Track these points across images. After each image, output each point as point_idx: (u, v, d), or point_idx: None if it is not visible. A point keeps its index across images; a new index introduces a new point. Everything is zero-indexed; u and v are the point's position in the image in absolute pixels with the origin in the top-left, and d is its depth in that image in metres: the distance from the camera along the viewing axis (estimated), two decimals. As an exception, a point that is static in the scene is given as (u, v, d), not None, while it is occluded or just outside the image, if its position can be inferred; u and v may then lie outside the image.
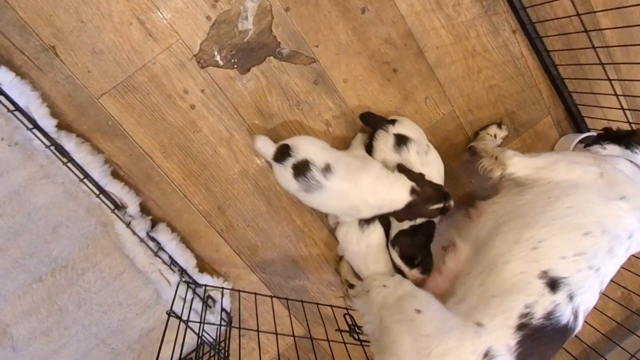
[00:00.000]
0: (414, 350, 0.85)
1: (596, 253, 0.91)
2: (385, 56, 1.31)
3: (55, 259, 1.19)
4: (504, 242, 0.97)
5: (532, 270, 0.90)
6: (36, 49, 1.13)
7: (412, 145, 1.18)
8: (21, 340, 1.18)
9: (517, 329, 0.84)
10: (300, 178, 1.10)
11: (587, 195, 0.97)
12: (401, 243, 1.18)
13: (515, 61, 1.39)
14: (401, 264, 1.17)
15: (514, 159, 1.13)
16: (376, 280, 1.12)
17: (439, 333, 0.85)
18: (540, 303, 0.86)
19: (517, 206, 1.05)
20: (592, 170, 1.02)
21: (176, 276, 1.26)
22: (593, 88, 1.40)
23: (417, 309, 0.92)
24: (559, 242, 0.92)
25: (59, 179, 1.17)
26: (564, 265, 0.89)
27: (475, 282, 0.95)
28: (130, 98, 1.20)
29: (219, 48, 1.22)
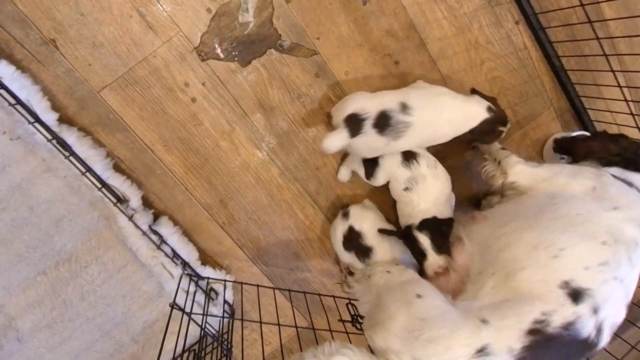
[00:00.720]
0: (405, 329, 0.84)
1: (619, 263, 0.88)
2: (387, 48, 1.30)
3: (58, 252, 1.20)
4: (520, 245, 0.94)
5: (552, 280, 0.86)
6: (36, 42, 1.12)
7: (422, 159, 1.22)
8: (26, 332, 1.20)
9: (528, 334, 0.81)
10: (385, 131, 1.12)
11: (586, 204, 0.98)
12: (431, 227, 1.16)
13: (518, 52, 1.38)
14: (429, 248, 1.14)
15: (517, 167, 1.14)
16: (380, 267, 1.13)
17: (434, 320, 0.85)
18: (560, 312, 0.83)
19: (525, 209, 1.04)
20: (587, 184, 1.03)
21: (179, 269, 1.27)
22: (596, 79, 1.39)
23: (419, 294, 0.92)
24: (581, 251, 0.89)
25: (61, 173, 1.17)
26: (589, 276, 0.86)
27: (488, 283, 0.93)
28: (131, 91, 1.20)
29: (220, 41, 1.21)
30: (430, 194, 1.21)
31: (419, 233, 1.16)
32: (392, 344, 0.83)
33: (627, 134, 1.34)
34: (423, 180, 1.20)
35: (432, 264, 1.13)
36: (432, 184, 1.22)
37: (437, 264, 1.13)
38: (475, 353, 0.79)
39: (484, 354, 0.79)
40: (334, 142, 1.12)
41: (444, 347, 0.80)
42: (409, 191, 1.22)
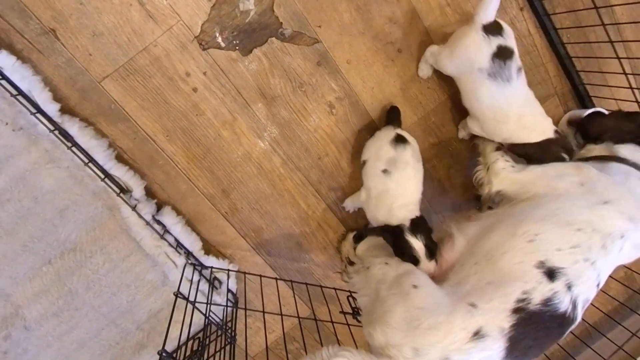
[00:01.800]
0: (405, 320, 0.87)
1: (590, 247, 0.94)
2: (389, 36, 1.29)
3: (63, 242, 1.21)
4: (500, 236, 1.01)
5: (529, 260, 0.93)
6: (36, 32, 1.11)
7: (409, 147, 1.22)
8: (33, 321, 1.22)
9: (513, 312, 0.86)
10: (497, 61, 1.12)
11: (573, 200, 1.02)
12: (423, 231, 1.15)
13: (522, 39, 1.36)
14: (422, 256, 1.13)
15: (501, 174, 1.17)
16: (378, 258, 1.15)
17: (432, 307, 0.88)
18: (539, 290, 0.89)
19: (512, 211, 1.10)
20: (573, 181, 1.06)
21: (182, 258, 1.28)
22: (601, 67, 1.37)
23: (414, 285, 0.96)
24: (554, 236, 0.95)
25: (64, 163, 1.17)
26: (561, 257, 0.92)
27: (470, 271, 0.99)
28: (132, 81, 1.20)
29: (220, 29, 1.20)
30: (408, 186, 1.19)
31: (413, 237, 1.13)
32: (392, 338, 0.86)
33: (632, 122, 1.33)
34: (404, 167, 1.19)
35: (423, 270, 1.11)
36: (413, 175, 1.20)
37: (428, 270, 1.12)
38: (472, 336, 0.83)
39: (479, 336, 0.84)
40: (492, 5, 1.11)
41: (444, 333, 0.84)
42: (387, 175, 1.19)
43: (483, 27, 1.12)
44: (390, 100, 1.35)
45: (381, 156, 1.21)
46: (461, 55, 1.16)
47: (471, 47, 1.14)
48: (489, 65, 1.12)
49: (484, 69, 1.13)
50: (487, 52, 1.12)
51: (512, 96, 1.16)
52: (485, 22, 1.12)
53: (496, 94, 1.15)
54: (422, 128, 1.41)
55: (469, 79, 1.18)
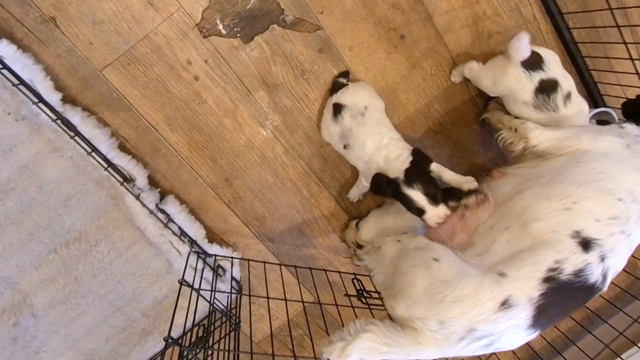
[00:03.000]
0: (428, 293, 0.86)
1: (628, 219, 0.91)
2: (392, 22, 1.27)
3: (68, 231, 1.22)
4: (534, 198, 0.96)
5: (564, 230, 0.90)
6: (36, 20, 1.11)
7: (345, 110, 1.18)
8: (41, 308, 1.24)
9: (544, 282, 0.85)
10: (540, 96, 1.12)
11: (617, 164, 0.97)
12: (419, 179, 1.09)
13: (527, 25, 1.34)
14: (426, 204, 1.07)
15: (536, 131, 1.10)
16: (388, 237, 1.13)
17: (456, 280, 0.86)
18: (572, 260, 0.87)
19: (545, 168, 1.04)
20: (618, 142, 1.02)
21: (186, 247, 1.30)
22: (607, 52, 1.35)
23: (435, 258, 0.93)
24: (593, 205, 0.92)
25: (67, 153, 1.18)
26: (598, 228, 0.89)
27: (501, 238, 0.95)
28: (133, 70, 1.19)
29: (221, 16, 1.19)
30: (367, 141, 1.16)
31: (410, 189, 1.08)
32: (416, 311, 0.85)
33: (637, 109, 1.32)
34: (350, 133, 1.18)
35: (433, 217, 1.08)
36: (363, 131, 1.17)
37: (438, 215, 1.08)
38: (500, 306, 0.83)
39: (508, 306, 0.83)
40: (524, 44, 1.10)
41: (470, 305, 0.83)
42: (349, 149, 1.20)
43: (522, 64, 1.12)
44: (393, 88, 1.34)
45: (333, 135, 1.22)
46: (504, 89, 1.18)
47: (513, 83, 1.15)
48: (532, 100, 1.13)
49: (528, 103, 1.14)
50: (529, 88, 1.13)
51: (564, 121, 1.15)
52: (523, 59, 1.12)
53: (543, 122, 1.15)
54: (425, 115, 1.40)
55: (514, 107, 1.19)
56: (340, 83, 1.26)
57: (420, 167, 1.12)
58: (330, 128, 1.23)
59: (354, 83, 1.28)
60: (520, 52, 1.11)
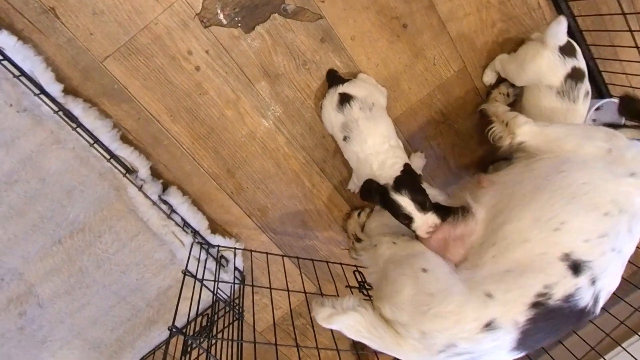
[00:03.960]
0: (413, 304, 0.85)
1: (618, 234, 0.88)
2: (394, 10, 1.26)
3: (72, 222, 1.23)
4: (522, 218, 0.93)
5: (553, 252, 0.86)
6: (36, 11, 1.10)
7: (354, 102, 1.17)
8: (46, 298, 1.25)
9: (531, 307, 0.83)
10: (569, 82, 1.15)
11: (598, 170, 0.94)
12: (408, 186, 1.08)
13: (532, 13, 1.32)
14: (414, 211, 1.07)
15: (525, 127, 1.09)
16: (386, 237, 1.11)
17: (442, 294, 0.85)
18: (561, 284, 0.84)
19: (531, 177, 1.01)
20: (602, 147, 0.99)
21: (189, 237, 1.30)
22: (613, 40, 1.34)
23: (424, 268, 0.92)
24: (582, 223, 0.89)
25: (70, 144, 1.18)
26: (588, 249, 0.86)
27: (487, 253, 0.92)
28: (134, 60, 1.18)
29: (222, 6, 1.18)
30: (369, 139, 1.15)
31: (398, 195, 1.07)
32: (400, 317, 0.85)
33: (642, 97, 1.31)
34: (356, 125, 1.16)
35: (422, 225, 1.06)
36: (368, 127, 1.15)
37: (427, 224, 1.06)
38: (484, 327, 0.81)
39: (491, 327, 0.81)
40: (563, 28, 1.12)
41: (453, 322, 0.82)
42: (348, 142, 1.18)
43: (560, 48, 1.14)
44: (396, 77, 1.33)
45: (335, 126, 1.21)
46: (531, 73, 1.18)
47: (544, 66, 1.15)
48: (560, 85, 1.15)
49: (553, 87, 1.16)
50: (561, 73, 1.15)
51: (573, 117, 1.17)
52: (561, 44, 1.14)
53: (559, 110, 1.16)
54: (428, 105, 1.39)
55: (535, 91, 1.20)
56: (339, 76, 1.25)
57: (410, 176, 1.12)
58: (333, 118, 1.21)
59: (358, 76, 1.27)
60: (558, 36, 1.12)
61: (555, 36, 1.13)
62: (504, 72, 1.29)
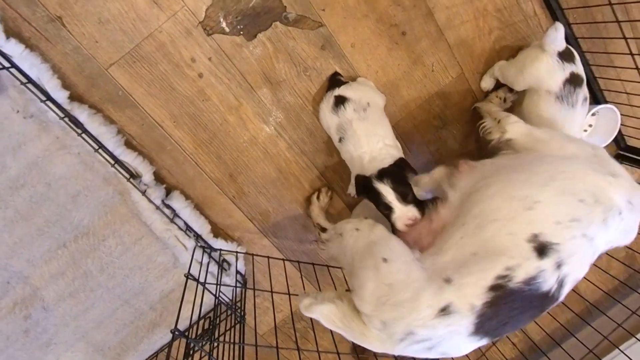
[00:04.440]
0: (374, 296, 0.87)
1: (591, 221, 0.87)
2: (393, 18, 1.28)
3: (77, 226, 1.25)
4: (496, 195, 0.93)
5: (522, 232, 0.85)
6: (43, 20, 1.13)
7: (348, 103, 1.19)
8: (51, 301, 1.27)
9: (490, 290, 0.82)
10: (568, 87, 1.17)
11: (580, 165, 0.96)
12: (391, 176, 1.09)
13: (528, 20, 1.35)
14: (394, 201, 1.08)
15: (516, 125, 1.11)
16: (349, 224, 1.09)
17: (400, 284, 0.86)
18: (523, 267, 0.83)
19: (512, 164, 1.02)
20: (587, 149, 1.01)
21: (192, 241, 1.32)
22: (607, 47, 1.36)
23: (384, 258, 0.91)
24: (555, 205, 0.88)
25: (75, 150, 1.20)
26: (558, 231, 0.85)
27: (455, 234, 0.92)
28: (138, 68, 1.21)
29: (225, 14, 1.20)
30: (363, 139, 1.16)
31: (380, 184, 1.08)
32: (364, 309, 0.87)
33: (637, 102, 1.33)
34: (349, 126, 1.18)
35: (401, 216, 1.07)
36: (362, 127, 1.17)
37: (406, 215, 1.07)
38: (438, 312, 0.82)
39: (446, 312, 0.82)
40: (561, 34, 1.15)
41: (409, 310, 0.83)
42: (343, 142, 1.20)
43: (559, 54, 1.16)
44: (395, 84, 1.36)
45: (330, 128, 1.23)
46: (530, 77, 1.20)
47: (543, 71, 1.17)
48: (558, 90, 1.17)
49: (552, 92, 1.17)
50: (560, 78, 1.17)
51: (571, 122, 1.19)
52: (559, 49, 1.16)
53: (557, 115, 1.18)
54: (427, 111, 1.41)
55: (534, 96, 1.22)
56: (340, 80, 1.27)
57: (398, 168, 1.12)
58: (329, 120, 1.23)
59: (357, 80, 1.29)
60: (557, 42, 1.15)
61: (553, 42, 1.15)
62: (504, 78, 1.32)
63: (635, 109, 1.39)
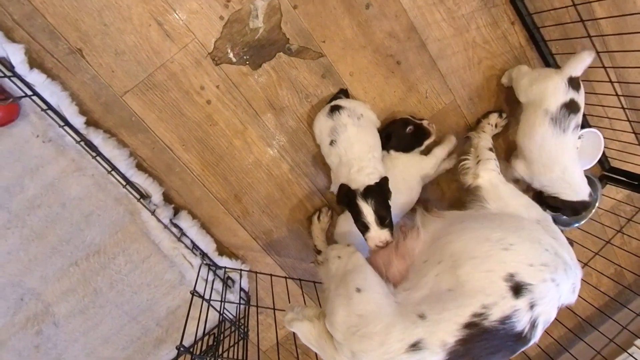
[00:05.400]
0: (345, 324, 0.87)
1: (557, 268, 0.93)
2: (389, 49, 1.38)
3: (88, 244, 1.30)
4: (473, 238, 0.97)
5: (499, 270, 0.88)
6: (64, 51, 1.21)
7: (344, 110, 1.24)
8: (62, 317, 1.31)
9: (464, 327, 0.83)
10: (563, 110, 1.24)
11: (534, 226, 1.04)
12: (375, 197, 1.14)
13: (514, 51, 1.45)
14: (372, 222, 1.13)
15: (490, 174, 1.21)
16: (333, 251, 1.14)
17: (371, 316, 0.86)
18: (499, 305, 0.84)
19: (483, 213, 1.11)
20: (532, 217, 1.10)
21: (198, 259, 1.37)
22: (589, 76, 1.45)
23: (358, 288, 0.92)
24: (527, 249, 0.93)
25: (89, 172, 1.27)
26: (531, 273, 0.89)
27: (431, 271, 0.94)
28: (151, 95, 1.29)
29: (232, 46, 1.29)
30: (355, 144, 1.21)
31: (363, 202, 1.13)
32: (335, 335, 0.89)
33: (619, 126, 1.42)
34: (344, 129, 1.22)
35: (374, 237, 1.12)
36: (355, 132, 1.22)
37: (379, 237, 1.12)
38: (408, 348, 0.82)
39: (417, 348, 0.82)
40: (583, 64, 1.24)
41: (378, 343, 0.83)
42: (334, 145, 1.23)
43: (568, 79, 1.24)
44: (391, 109, 1.44)
45: (323, 131, 1.27)
46: (537, 92, 1.28)
47: (550, 88, 1.25)
48: (555, 110, 1.25)
49: (549, 112, 1.25)
50: (560, 100, 1.25)
51: (562, 147, 1.27)
52: (573, 75, 1.25)
53: (548, 138, 1.26)
54: (421, 135, 1.49)
55: (533, 113, 1.29)
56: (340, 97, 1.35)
57: (382, 189, 1.17)
58: (323, 124, 1.27)
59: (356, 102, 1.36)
60: (577, 69, 1.24)
61: (574, 67, 1.24)
62: (515, 82, 1.38)
63: (617, 133, 1.48)
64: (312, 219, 1.46)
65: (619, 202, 1.65)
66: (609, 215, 1.65)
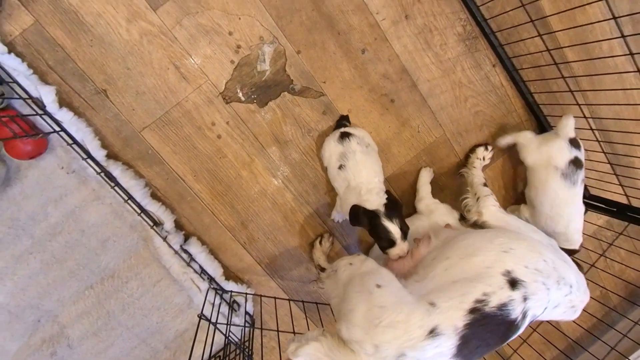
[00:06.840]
0: (366, 319, 0.91)
1: (549, 276, 1.05)
2: (383, 89, 1.52)
3: (104, 269, 1.38)
4: (478, 239, 1.11)
5: (497, 267, 1.02)
6: (91, 92, 1.34)
7: (353, 137, 1.36)
8: (76, 339, 1.37)
9: (469, 312, 0.93)
10: (572, 166, 1.41)
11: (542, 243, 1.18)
12: (397, 216, 1.24)
13: (496, 90, 1.59)
14: (398, 239, 1.23)
15: (491, 209, 1.35)
16: (343, 260, 1.21)
17: (393, 306, 0.93)
18: (498, 294, 0.97)
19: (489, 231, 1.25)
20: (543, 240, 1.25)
21: (206, 283, 1.44)
22: (565, 112, 1.58)
23: (378, 284, 1.00)
24: (525, 255, 1.07)
25: (107, 200, 1.36)
26: (526, 272, 1.02)
27: (440, 266, 1.06)
28: (166, 130, 1.41)
29: (241, 86, 1.43)
30: (363, 170, 1.31)
31: (389, 222, 1.22)
32: (355, 334, 0.92)
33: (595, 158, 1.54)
34: (353, 155, 1.32)
35: (398, 252, 1.22)
36: (363, 159, 1.32)
37: (402, 249, 1.23)
38: (428, 334, 0.90)
39: (434, 334, 0.90)
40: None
41: (402, 331, 0.89)
42: (343, 170, 1.33)
43: (569, 140, 1.43)
44: (387, 143, 1.56)
45: (333, 155, 1.37)
46: (544, 153, 1.45)
47: (555, 149, 1.43)
48: (564, 167, 1.42)
49: (559, 168, 1.42)
50: (566, 157, 1.42)
51: (571, 199, 1.43)
52: (570, 137, 1.44)
53: (561, 191, 1.43)
54: (415, 166, 1.61)
55: (543, 171, 1.45)
56: (345, 124, 1.46)
57: (397, 206, 1.27)
58: (333, 148, 1.37)
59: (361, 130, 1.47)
60: (567, 129, 1.43)
61: (564, 128, 1.43)
62: (521, 147, 1.53)
63: (594, 163, 1.60)
64: (314, 244, 1.55)
65: (600, 227, 1.75)
66: (592, 240, 1.75)
